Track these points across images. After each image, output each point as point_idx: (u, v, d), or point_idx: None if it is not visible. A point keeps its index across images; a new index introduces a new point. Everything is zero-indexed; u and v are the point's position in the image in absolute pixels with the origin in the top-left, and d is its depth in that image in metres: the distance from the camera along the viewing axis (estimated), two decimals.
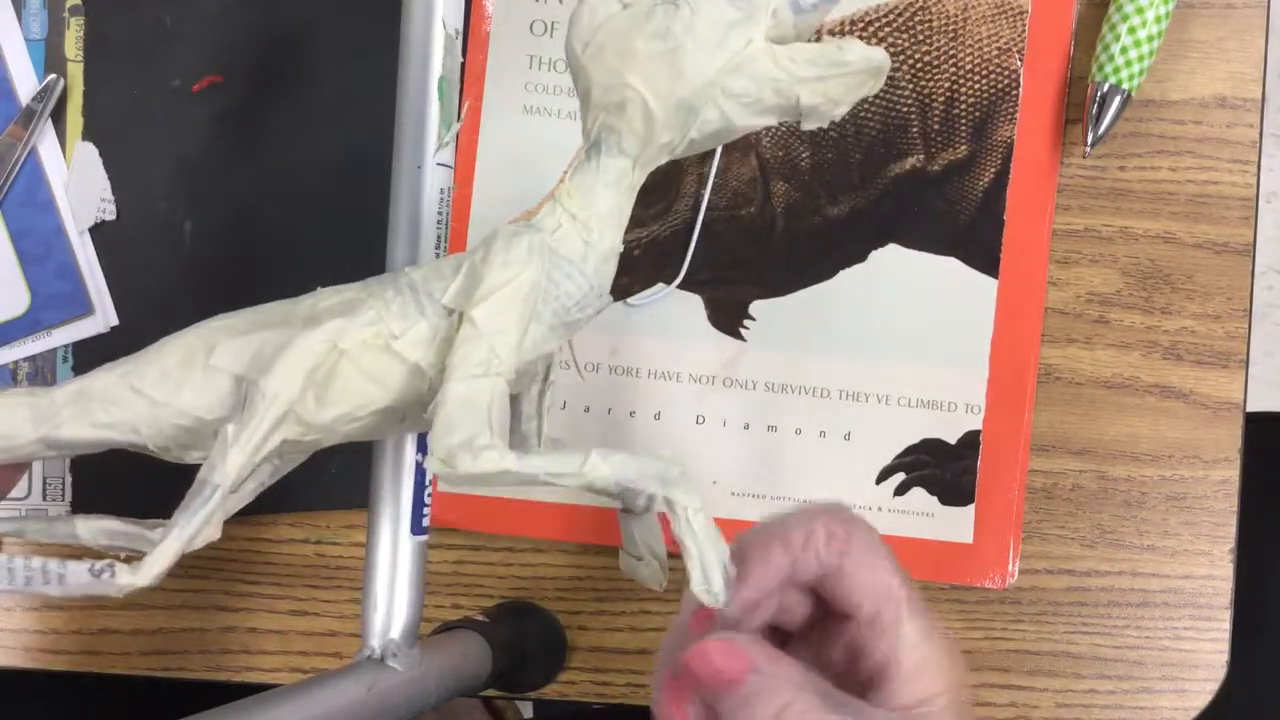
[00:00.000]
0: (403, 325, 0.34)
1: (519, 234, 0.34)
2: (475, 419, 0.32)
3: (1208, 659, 0.53)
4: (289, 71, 0.53)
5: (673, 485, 0.33)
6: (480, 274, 0.33)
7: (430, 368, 0.34)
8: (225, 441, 0.32)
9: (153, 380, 0.33)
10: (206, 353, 0.33)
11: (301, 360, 0.33)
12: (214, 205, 0.53)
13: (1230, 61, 0.54)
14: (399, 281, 0.35)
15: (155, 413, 0.33)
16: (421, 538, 0.41)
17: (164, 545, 0.32)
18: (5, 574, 0.32)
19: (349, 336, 0.33)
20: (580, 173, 0.35)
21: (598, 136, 0.34)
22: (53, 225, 0.53)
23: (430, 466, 0.32)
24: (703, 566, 0.33)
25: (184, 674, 0.54)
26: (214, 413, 0.33)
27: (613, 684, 0.54)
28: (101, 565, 0.32)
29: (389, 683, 0.39)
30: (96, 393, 0.33)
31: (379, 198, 0.41)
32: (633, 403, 0.53)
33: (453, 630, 0.48)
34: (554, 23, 0.53)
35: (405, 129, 0.41)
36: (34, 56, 0.53)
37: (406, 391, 0.34)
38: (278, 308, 0.35)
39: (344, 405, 0.34)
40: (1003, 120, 0.53)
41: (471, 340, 0.33)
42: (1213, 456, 0.53)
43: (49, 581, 0.32)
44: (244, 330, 0.34)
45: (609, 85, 0.33)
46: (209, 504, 0.32)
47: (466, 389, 0.32)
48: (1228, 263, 0.54)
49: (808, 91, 0.33)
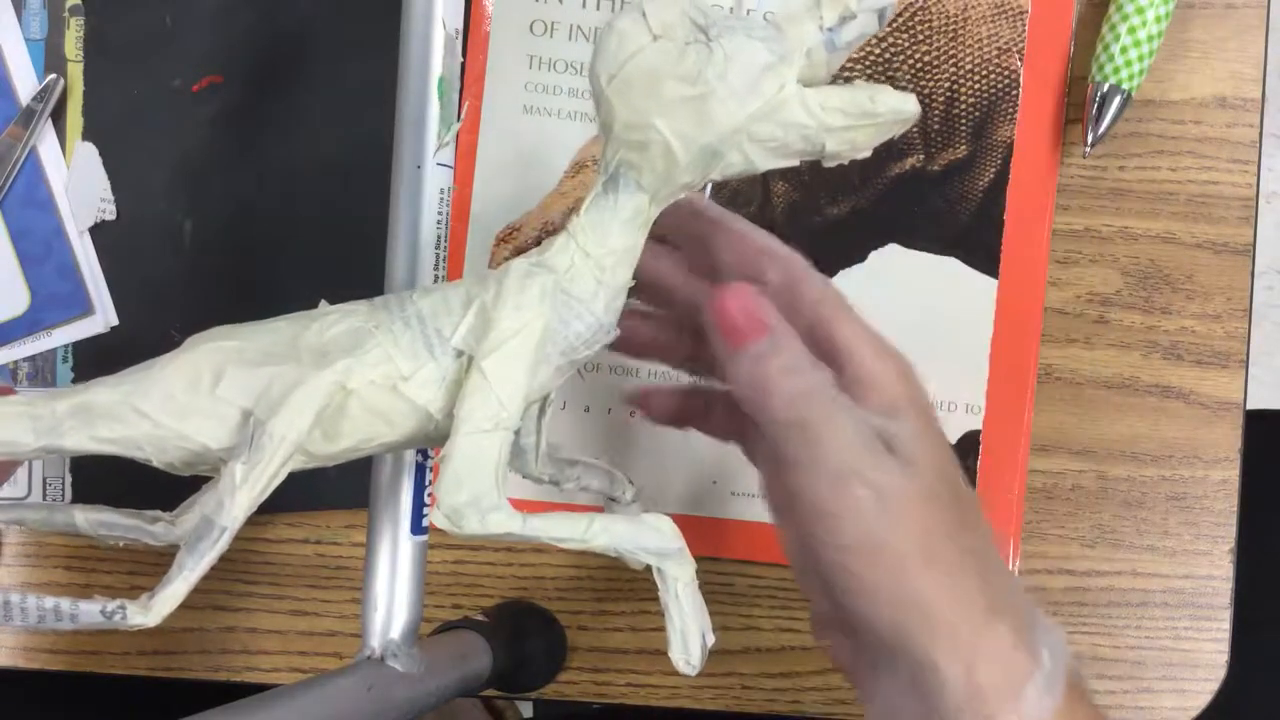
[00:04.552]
0: (411, 365, 0.33)
1: (532, 275, 0.33)
2: (483, 478, 0.32)
3: (1208, 659, 0.53)
4: (289, 71, 0.53)
5: (667, 559, 0.34)
6: (491, 317, 0.33)
7: (439, 411, 0.33)
8: (233, 482, 0.32)
9: (156, 403, 0.33)
10: (213, 379, 0.33)
11: (310, 401, 0.32)
12: (214, 205, 0.53)
13: (1230, 61, 0.54)
14: (406, 311, 0.34)
15: (159, 434, 0.33)
16: (421, 538, 0.41)
17: (173, 587, 0.32)
18: (19, 613, 0.32)
19: (357, 376, 0.33)
20: (595, 208, 0.34)
21: (615, 171, 0.34)
22: (53, 225, 0.53)
23: (435, 520, 0.32)
24: (684, 636, 0.34)
25: (184, 674, 0.54)
26: (219, 443, 0.33)
27: (613, 684, 0.54)
28: (113, 607, 0.33)
29: (389, 683, 0.39)
30: (99, 409, 0.33)
31: (379, 197, 0.41)
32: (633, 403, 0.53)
33: (453, 630, 0.48)
34: (554, 23, 0.53)
35: (405, 129, 0.41)
36: (34, 56, 0.53)
37: (414, 429, 0.34)
38: (284, 333, 0.34)
39: (351, 440, 0.33)
40: (1003, 120, 0.53)
41: (481, 393, 0.33)
42: (1213, 456, 0.53)
43: (61, 620, 0.32)
44: (252, 361, 0.33)
45: (632, 123, 0.32)
46: (217, 546, 0.32)
47: (474, 445, 0.32)
48: (1228, 263, 0.54)
49: (834, 140, 0.32)
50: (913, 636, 0.33)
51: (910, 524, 0.33)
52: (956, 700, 0.33)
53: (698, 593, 0.34)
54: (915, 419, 0.35)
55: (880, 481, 0.33)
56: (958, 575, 0.34)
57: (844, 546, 0.33)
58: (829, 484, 0.33)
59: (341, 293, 0.36)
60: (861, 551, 0.33)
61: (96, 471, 0.53)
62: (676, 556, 0.34)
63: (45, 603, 0.32)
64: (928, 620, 0.33)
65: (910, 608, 0.33)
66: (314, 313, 0.35)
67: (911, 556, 0.33)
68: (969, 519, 0.35)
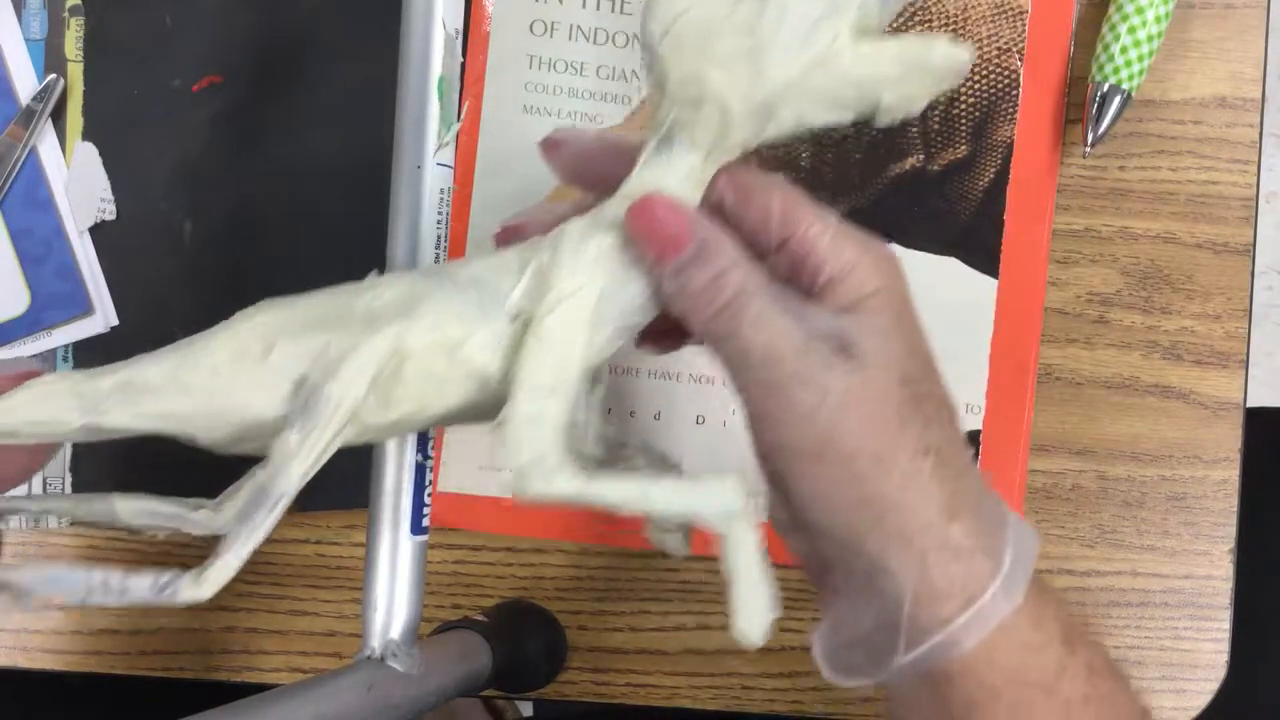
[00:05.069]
0: (466, 330, 0.33)
1: (588, 236, 0.33)
2: (544, 439, 0.32)
3: (1208, 659, 0.53)
4: (289, 71, 0.53)
5: (733, 520, 0.32)
6: (548, 279, 0.32)
7: (496, 374, 0.33)
8: (288, 450, 0.31)
9: (205, 375, 0.32)
10: (263, 350, 0.32)
11: (366, 366, 0.32)
12: (214, 205, 0.53)
13: (1230, 61, 0.54)
14: (459, 277, 0.33)
15: (207, 408, 0.32)
16: (421, 538, 0.41)
17: (227, 558, 0.31)
18: (67, 587, 0.31)
19: (413, 340, 0.32)
20: (649, 167, 0.34)
21: (669, 131, 0.33)
22: (53, 225, 0.53)
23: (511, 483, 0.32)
24: (749, 606, 0.32)
25: (184, 674, 0.54)
26: (270, 413, 0.32)
27: (613, 684, 0.54)
28: (165, 580, 0.31)
29: (389, 683, 0.39)
30: (145, 384, 0.32)
31: (379, 198, 0.41)
32: (633, 403, 0.53)
33: (453, 630, 0.48)
34: (554, 23, 0.53)
35: (405, 129, 0.41)
36: (34, 56, 0.53)
37: (469, 395, 0.33)
38: (334, 301, 0.33)
39: (406, 408, 0.33)
40: (1003, 120, 0.53)
41: (539, 355, 0.32)
42: (1213, 456, 0.53)
43: (110, 594, 0.31)
44: (303, 329, 0.33)
45: (686, 79, 0.32)
46: (273, 514, 0.32)
47: (534, 407, 0.32)
48: (1228, 263, 0.54)
49: (889, 93, 0.32)
50: (865, 539, 0.32)
51: (857, 423, 0.32)
52: (910, 603, 0.32)
53: (764, 559, 0.33)
54: (879, 314, 0.33)
55: (822, 382, 0.32)
56: (913, 475, 0.32)
57: (788, 450, 0.33)
58: (766, 390, 0.32)
59: None
60: (804, 454, 0.32)
61: (96, 474, 0.53)
62: (742, 519, 0.32)
63: (93, 577, 0.31)
64: (880, 522, 0.32)
65: (861, 509, 0.32)
66: (364, 283, 0.34)
67: (861, 457, 0.32)
68: (932, 417, 0.34)
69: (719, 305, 0.32)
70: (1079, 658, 0.34)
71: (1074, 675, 0.34)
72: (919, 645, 0.33)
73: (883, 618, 0.33)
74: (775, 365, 0.32)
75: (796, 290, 0.34)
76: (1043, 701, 0.33)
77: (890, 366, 0.33)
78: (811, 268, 0.33)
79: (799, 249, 0.33)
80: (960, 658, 0.33)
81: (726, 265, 0.32)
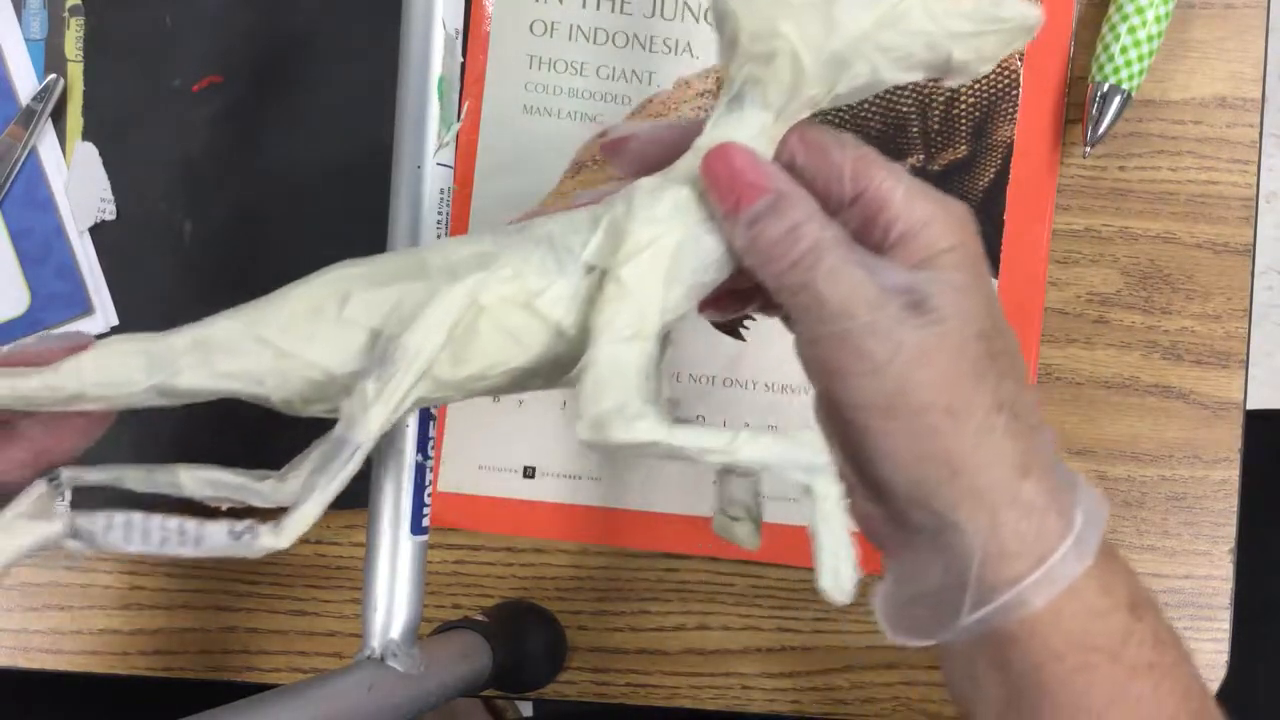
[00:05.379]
0: (543, 282, 0.32)
1: (662, 189, 0.33)
2: (626, 384, 0.31)
3: (1208, 659, 0.53)
4: (289, 72, 0.53)
5: (816, 474, 0.32)
6: (623, 230, 0.32)
7: (571, 327, 0.33)
8: (366, 399, 0.31)
9: (280, 330, 0.32)
10: (339, 303, 0.32)
11: (444, 315, 0.31)
12: (214, 205, 0.53)
13: (1230, 61, 0.54)
14: (534, 234, 0.33)
15: (282, 364, 0.32)
16: (421, 538, 0.41)
17: (306, 507, 0.31)
18: (140, 535, 0.31)
19: (489, 292, 0.32)
20: (720, 124, 0.33)
21: (740, 89, 0.33)
22: (53, 225, 0.53)
23: (579, 433, 0.31)
24: (835, 560, 0.32)
25: (184, 674, 0.54)
26: (345, 367, 0.32)
27: (613, 684, 0.54)
28: (242, 528, 0.31)
29: (389, 683, 0.39)
30: (219, 341, 0.32)
31: (379, 198, 0.41)
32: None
33: (453, 630, 0.48)
34: (554, 23, 0.53)
35: (405, 129, 0.41)
36: (34, 56, 0.53)
37: (545, 351, 0.33)
38: (407, 258, 0.33)
39: (480, 364, 0.32)
40: (1003, 120, 0.53)
41: (618, 301, 0.32)
42: (1213, 456, 0.53)
43: (185, 543, 0.31)
44: (379, 281, 0.32)
45: (759, 33, 0.32)
46: (350, 463, 0.31)
47: (615, 352, 0.31)
48: (1228, 263, 0.54)
49: (960, 48, 0.32)
50: (934, 495, 0.32)
51: (931, 378, 0.31)
52: (979, 562, 0.32)
53: (846, 514, 0.32)
54: (954, 270, 0.33)
55: (896, 336, 0.31)
56: (987, 432, 0.32)
57: (859, 404, 0.32)
58: (838, 343, 0.32)
59: None
60: (875, 408, 0.32)
61: None
62: (825, 473, 0.32)
63: (169, 523, 0.31)
64: (951, 478, 0.32)
65: (931, 464, 0.32)
66: (436, 242, 0.34)
67: (933, 411, 0.31)
68: (1006, 373, 0.33)
69: (793, 257, 0.32)
70: (1145, 625, 0.33)
71: (1140, 642, 0.33)
72: (985, 604, 0.32)
73: (949, 576, 0.33)
74: (849, 318, 0.31)
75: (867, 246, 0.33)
76: (1106, 667, 0.33)
77: (966, 322, 0.32)
78: (884, 223, 0.33)
79: (872, 205, 0.33)
80: (1026, 619, 0.32)
81: (802, 217, 0.32)
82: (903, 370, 0.31)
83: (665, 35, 0.53)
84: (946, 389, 0.32)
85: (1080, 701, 0.33)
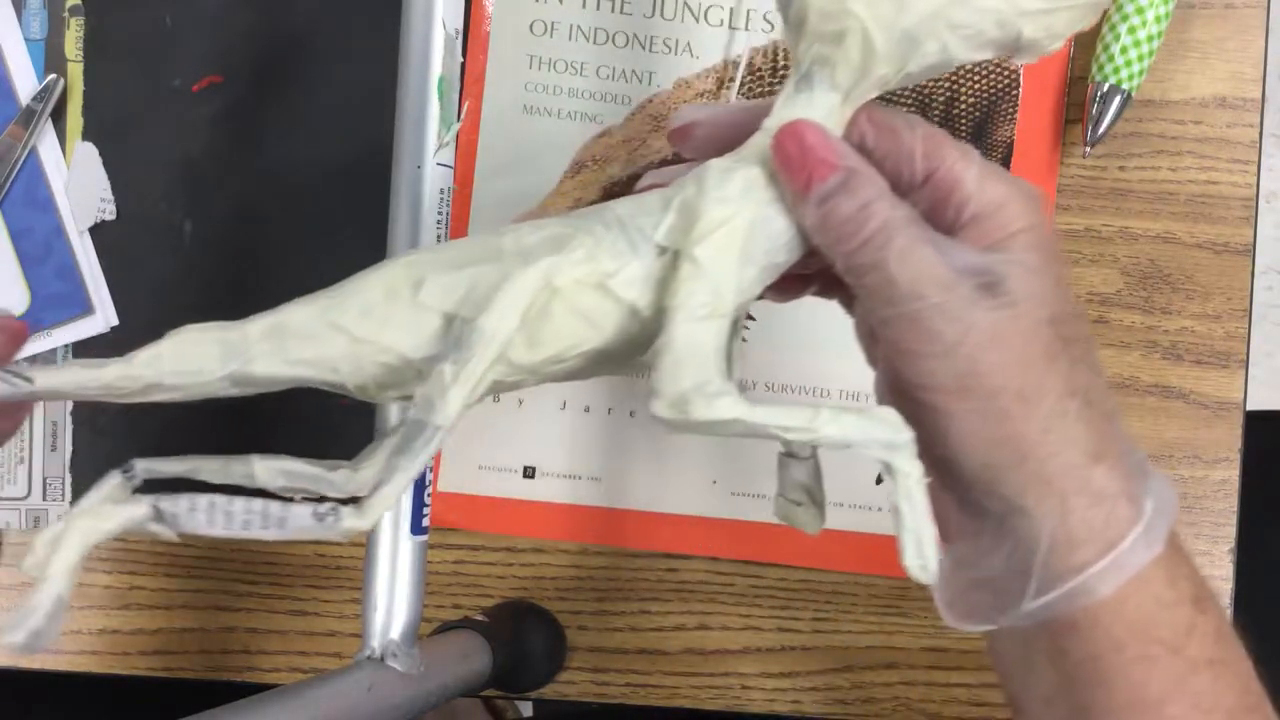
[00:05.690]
0: (616, 264, 0.32)
1: (733, 169, 0.33)
2: (705, 363, 0.31)
3: None
4: (289, 72, 0.53)
5: (898, 452, 0.31)
6: (695, 210, 0.32)
7: (645, 308, 0.32)
8: (444, 382, 0.31)
9: (355, 316, 0.32)
10: (412, 288, 0.32)
11: (519, 297, 0.31)
12: (214, 205, 0.53)
13: (1230, 61, 0.54)
14: (605, 216, 0.33)
15: (357, 350, 0.32)
16: (421, 538, 0.41)
17: (388, 489, 0.31)
18: (223, 517, 0.31)
19: (563, 274, 0.32)
20: (789, 105, 0.33)
21: (809, 69, 0.33)
22: (53, 225, 0.53)
23: (659, 412, 0.31)
24: (918, 538, 0.31)
25: (184, 674, 0.54)
26: (420, 351, 0.32)
27: (613, 684, 0.54)
28: (325, 509, 0.31)
29: (389, 683, 0.39)
30: (293, 328, 0.32)
31: (379, 198, 0.41)
32: (633, 403, 0.53)
33: (453, 630, 0.48)
34: (554, 23, 0.53)
35: (405, 129, 0.41)
36: (34, 56, 0.53)
37: (619, 333, 0.33)
38: (479, 244, 0.33)
39: (554, 347, 0.32)
40: (1003, 120, 0.53)
41: (694, 280, 0.31)
42: (1213, 456, 0.53)
43: (269, 525, 0.31)
44: (453, 265, 0.32)
45: (829, 12, 0.32)
46: (430, 445, 0.31)
47: (693, 331, 0.31)
48: (1228, 263, 0.54)
49: (1031, 25, 0.32)
50: (1003, 479, 0.32)
51: (1003, 360, 0.31)
52: (1046, 548, 0.31)
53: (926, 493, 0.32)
54: (1027, 252, 0.32)
55: (968, 317, 0.31)
56: (1058, 417, 0.31)
57: (929, 385, 0.32)
58: (909, 323, 0.31)
59: None
60: (945, 390, 0.31)
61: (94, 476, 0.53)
62: (907, 450, 0.31)
63: (253, 506, 0.31)
64: (1020, 462, 0.31)
65: (1001, 448, 0.31)
66: (506, 227, 0.34)
67: (1005, 394, 0.31)
68: (1079, 358, 0.32)
69: (864, 236, 0.31)
70: (1209, 619, 0.33)
71: (1202, 637, 0.33)
72: (1050, 590, 0.32)
73: (1013, 561, 0.32)
74: (920, 299, 0.31)
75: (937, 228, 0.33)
76: (1166, 660, 0.32)
77: (1039, 305, 0.32)
78: (956, 204, 0.33)
79: (943, 185, 0.33)
80: (1089, 607, 0.32)
81: (873, 195, 0.32)
82: (974, 352, 0.31)
83: (665, 35, 0.53)
84: (1018, 372, 0.31)
85: (1137, 693, 0.32)
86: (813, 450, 0.38)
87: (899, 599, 0.54)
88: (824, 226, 0.32)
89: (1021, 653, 0.34)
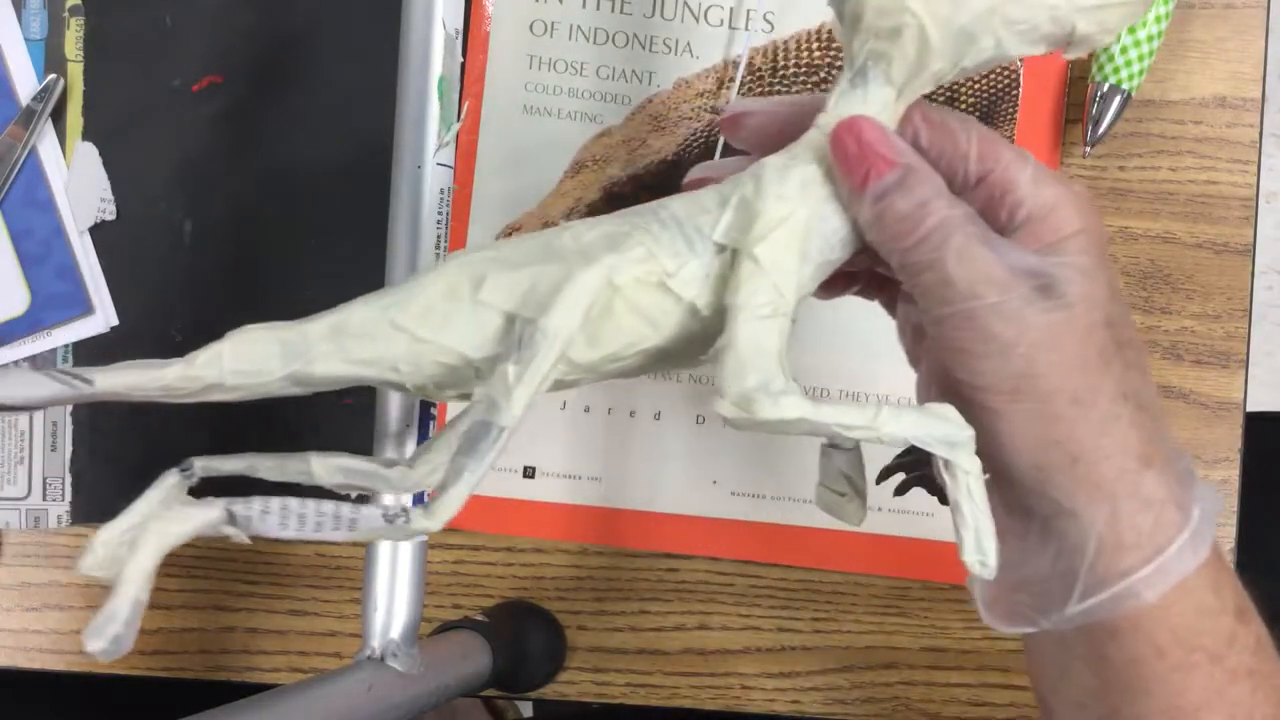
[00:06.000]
0: (675, 262, 0.32)
1: (789, 166, 0.33)
2: (768, 362, 0.31)
3: None
4: (289, 71, 0.53)
5: (958, 449, 0.31)
6: (754, 208, 0.32)
7: (705, 307, 0.33)
8: (508, 382, 0.31)
9: (416, 315, 0.32)
10: (473, 287, 0.32)
11: (581, 296, 0.31)
12: (214, 205, 0.53)
13: (1230, 61, 0.54)
14: (661, 215, 0.33)
15: (417, 350, 0.32)
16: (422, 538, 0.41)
17: (455, 490, 0.31)
18: (296, 520, 0.31)
19: (623, 273, 0.32)
20: (844, 101, 0.33)
21: (864, 64, 0.33)
22: (53, 225, 0.53)
23: (724, 411, 0.31)
24: (977, 534, 0.31)
25: (184, 674, 0.54)
26: (480, 351, 0.32)
27: (613, 684, 0.54)
28: (395, 510, 0.31)
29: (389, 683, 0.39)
30: (354, 328, 0.32)
31: (379, 198, 0.41)
32: (633, 403, 0.53)
33: (453, 630, 0.48)
34: (554, 23, 0.53)
35: (405, 129, 0.41)
36: (34, 56, 0.53)
37: (679, 331, 0.33)
38: (536, 243, 0.33)
39: (614, 345, 0.32)
40: (1003, 120, 0.53)
41: (755, 278, 0.32)
42: (1213, 456, 0.53)
43: (340, 527, 0.31)
44: (513, 264, 0.32)
45: (885, 8, 0.32)
46: (496, 445, 0.31)
47: (755, 330, 0.31)
48: (1228, 263, 0.54)
49: (1085, 20, 0.32)
50: (1052, 481, 0.32)
51: (1057, 362, 0.31)
52: (1093, 551, 0.31)
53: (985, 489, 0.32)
54: (1082, 255, 0.32)
55: (1023, 318, 0.31)
56: (1111, 420, 0.31)
57: (981, 385, 0.32)
58: (963, 322, 0.31)
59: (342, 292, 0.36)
60: (998, 390, 0.31)
61: (95, 476, 0.53)
62: (967, 447, 0.31)
63: (324, 508, 0.31)
64: (1072, 464, 0.31)
65: (1052, 450, 0.31)
66: (562, 225, 0.34)
67: (1058, 395, 0.31)
68: (1132, 362, 0.32)
69: (921, 234, 0.31)
70: (1250, 630, 0.33)
71: (1243, 647, 0.33)
72: (1095, 594, 0.32)
73: (1059, 564, 0.32)
74: (976, 299, 0.31)
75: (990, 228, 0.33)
76: (1206, 668, 0.32)
77: (1094, 308, 0.32)
78: (1010, 205, 0.33)
79: (997, 186, 0.33)
80: (1132, 612, 0.32)
81: (931, 194, 0.32)
82: (1029, 353, 0.31)
83: (665, 35, 0.53)
84: (1072, 375, 0.31)
85: (1175, 700, 0.32)
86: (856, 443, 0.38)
87: (899, 599, 0.54)
88: (880, 223, 0.32)
89: (1057, 655, 0.34)
